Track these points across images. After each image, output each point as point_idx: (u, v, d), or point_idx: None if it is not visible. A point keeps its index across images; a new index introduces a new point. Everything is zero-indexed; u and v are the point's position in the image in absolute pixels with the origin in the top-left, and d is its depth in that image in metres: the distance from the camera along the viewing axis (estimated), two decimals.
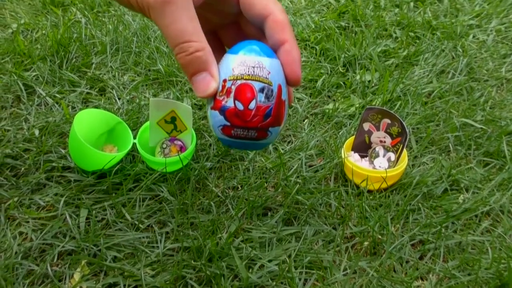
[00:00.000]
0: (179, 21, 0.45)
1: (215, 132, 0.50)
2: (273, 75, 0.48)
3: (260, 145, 0.51)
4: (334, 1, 1.71)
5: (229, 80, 0.47)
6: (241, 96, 0.47)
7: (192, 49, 0.45)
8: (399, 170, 0.98)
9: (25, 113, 1.14)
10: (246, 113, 0.47)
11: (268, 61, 0.48)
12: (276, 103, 0.48)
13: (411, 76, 1.34)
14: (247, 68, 0.47)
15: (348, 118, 1.20)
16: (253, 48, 0.49)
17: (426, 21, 1.56)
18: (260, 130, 0.49)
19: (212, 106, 0.49)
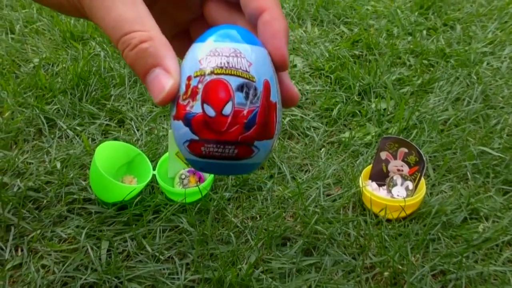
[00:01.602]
0: (115, 9, 0.34)
1: (181, 150, 0.36)
2: (256, 67, 0.34)
3: (244, 167, 0.36)
4: (347, 30, 1.74)
5: (194, 76, 0.34)
6: (212, 97, 0.33)
7: (135, 41, 0.34)
8: (418, 199, 0.98)
9: (46, 146, 1.17)
10: (220, 120, 0.33)
11: (249, 48, 0.35)
12: (262, 105, 0.34)
13: (426, 104, 1.34)
14: (219, 59, 0.34)
15: (365, 146, 1.21)
16: (228, 32, 0.36)
17: (439, 48, 1.58)
18: (242, 145, 0.34)
19: (174, 114, 0.35)
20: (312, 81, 1.46)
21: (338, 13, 1.82)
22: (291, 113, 1.32)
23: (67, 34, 1.65)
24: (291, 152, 1.20)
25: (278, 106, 0.36)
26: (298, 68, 1.52)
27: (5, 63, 1.50)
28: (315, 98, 1.38)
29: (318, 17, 1.82)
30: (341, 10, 1.83)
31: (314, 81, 1.46)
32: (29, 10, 1.82)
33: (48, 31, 1.70)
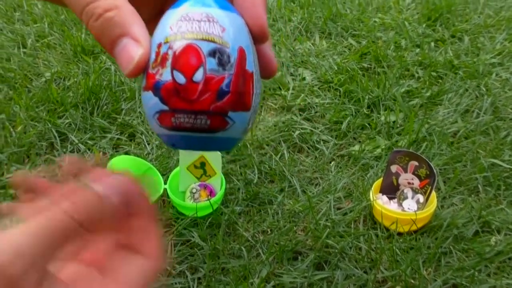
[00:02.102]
0: None
1: (150, 124, 0.34)
2: (230, 33, 0.32)
3: (219, 141, 0.34)
4: (356, 43, 1.74)
5: (164, 43, 0.32)
6: (182, 63, 0.31)
7: (99, 10, 0.31)
8: (429, 212, 0.98)
9: (58, 160, 1.18)
10: (190, 87, 0.31)
11: (223, 14, 0.33)
12: (236, 73, 0.32)
13: (435, 116, 1.35)
14: (190, 24, 0.32)
15: (375, 159, 1.21)
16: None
17: (447, 60, 1.58)
18: (214, 115, 0.32)
19: (143, 86, 0.33)
20: (321, 94, 1.47)
21: (346, 26, 1.83)
22: (301, 127, 1.32)
23: (78, 48, 1.66)
24: (301, 166, 1.20)
25: (255, 77, 0.34)
26: (307, 81, 1.53)
27: (17, 77, 1.51)
28: (324, 111, 1.39)
29: (326, 30, 1.83)
30: (349, 23, 1.84)
31: (323, 94, 1.47)
32: (40, 25, 1.84)
33: (59, 45, 1.72)
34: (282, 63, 1.60)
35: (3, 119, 1.31)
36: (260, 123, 1.34)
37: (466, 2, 1.98)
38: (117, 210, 0.32)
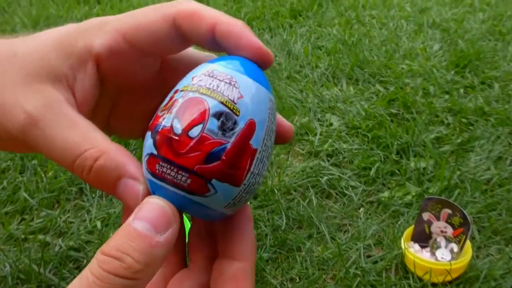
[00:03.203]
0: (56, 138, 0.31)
1: (143, 163, 0.32)
2: (246, 102, 0.31)
3: (198, 207, 0.31)
4: (383, 89, 1.74)
5: (181, 90, 0.31)
6: (184, 114, 0.30)
7: (89, 162, 0.31)
8: (464, 262, 0.95)
9: (87, 205, 1.19)
10: (183, 141, 0.29)
11: (248, 82, 0.31)
12: (235, 144, 0.30)
13: (467, 163, 1.32)
14: (210, 80, 0.31)
15: (405, 206, 1.18)
16: (235, 62, 0.32)
17: (478, 107, 1.56)
18: (196, 176, 0.30)
19: (149, 124, 0.32)
20: (349, 140, 1.46)
21: (373, 72, 1.83)
22: (329, 172, 1.31)
23: None
24: (329, 212, 1.19)
25: (258, 155, 0.31)
26: (334, 127, 1.52)
27: None
28: (352, 156, 1.38)
29: (353, 76, 1.83)
30: (376, 69, 1.85)
31: (350, 140, 1.46)
32: None
33: None
34: (309, 108, 1.61)
35: (35, 164, 1.33)
36: (288, 169, 1.33)
37: (495, 49, 1.97)
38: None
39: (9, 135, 0.32)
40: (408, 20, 2.33)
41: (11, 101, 0.31)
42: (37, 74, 0.32)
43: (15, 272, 1.00)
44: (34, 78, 0.32)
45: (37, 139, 0.31)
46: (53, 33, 0.34)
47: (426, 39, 2.12)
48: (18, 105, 0.31)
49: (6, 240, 1.09)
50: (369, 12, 2.48)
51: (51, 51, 0.32)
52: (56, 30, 0.34)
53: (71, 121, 0.31)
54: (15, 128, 0.31)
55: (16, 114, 0.31)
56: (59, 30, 0.34)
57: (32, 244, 1.07)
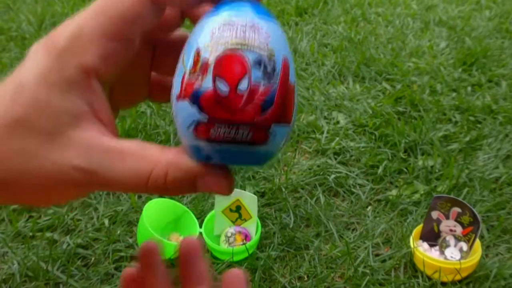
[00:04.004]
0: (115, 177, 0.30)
1: (183, 136, 0.31)
2: (274, 42, 0.30)
3: (257, 156, 0.31)
4: (390, 87, 1.74)
5: (205, 48, 0.30)
6: (226, 71, 0.29)
7: (160, 181, 0.30)
8: (474, 261, 0.95)
9: (95, 203, 1.18)
10: (234, 97, 0.29)
11: (265, 22, 0.31)
12: (280, 85, 0.30)
13: (475, 161, 1.31)
14: (234, 30, 0.30)
15: (413, 205, 1.18)
16: (241, 5, 0.32)
17: (486, 105, 1.55)
18: (257, 127, 0.30)
19: (179, 94, 0.30)
20: (356, 138, 1.45)
21: (379, 70, 1.83)
22: (336, 170, 1.30)
23: None
24: (337, 210, 1.18)
25: (295, 89, 0.32)
26: (341, 125, 1.52)
27: None
28: (359, 155, 1.37)
29: (359, 74, 1.83)
30: (382, 67, 1.84)
31: (358, 138, 1.45)
32: None
33: None
34: (316, 106, 1.60)
35: None
36: (295, 167, 1.33)
37: (502, 47, 1.96)
38: None
39: (57, 189, 0.31)
40: (414, 18, 2.32)
41: (52, 161, 0.30)
42: (53, 127, 0.30)
43: (23, 269, 1.00)
44: (56, 131, 0.30)
45: (98, 185, 0.31)
46: (32, 75, 0.30)
47: (433, 36, 2.11)
48: (63, 164, 0.30)
49: (14, 238, 1.09)
50: (375, 10, 2.47)
51: (49, 95, 0.30)
52: (31, 68, 0.31)
53: (119, 153, 0.30)
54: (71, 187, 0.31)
55: (68, 174, 0.30)
56: (36, 67, 0.31)
57: (40, 241, 1.07)
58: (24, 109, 0.30)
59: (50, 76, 0.30)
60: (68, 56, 0.30)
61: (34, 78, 0.30)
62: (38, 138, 0.30)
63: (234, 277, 0.40)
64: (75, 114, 0.30)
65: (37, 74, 0.30)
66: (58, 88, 0.30)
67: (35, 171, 0.30)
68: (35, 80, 0.30)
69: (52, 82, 0.30)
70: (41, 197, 0.33)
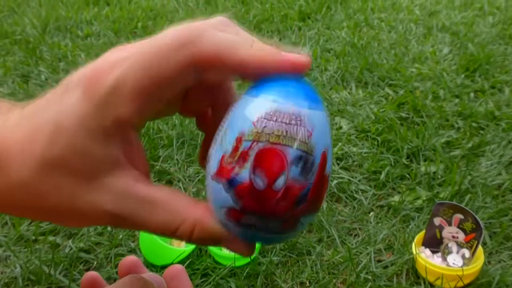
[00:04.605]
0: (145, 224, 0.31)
1: (215, 211, 0.32)
2: (316, 137, 0.30)
3: (281, 239, 0.33)
4: (393, 92, 1.74)
5: (246, 139, 0.30)
6: (264, 167, 0.30)
7: (186, 237, 0.32)
8: (476, 268, 0.94)
9: None
10: (269, 194, 0.30)
11: (311, 114, 0.31)
12: (316, 181, 0.31)
13: (478, 167, 1.31)
14: (277, 125, 0.30)
15: (416, 211, 1.18)
16: (289, 89, 0.31)
17: (488, 111, 1.55)
18: (287, 220, 0.31)
19: (215, 173, 0.31)
20: (358, 143, 1.45)
21: (382, 76, 1.83)
22: (338, 176, 1.30)
23: None
24: (339, 216, 1.18)
25: (329, 177, 0.33)
26: (344, 130, 1.52)
27: None
28: (362, 160, 1.37)
29: (362, 79, 1.83)
30: (385, 73, 1.84)
31: (360, 143, 1.45)
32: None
33: None
34: None
35: None
36: None
37: (505, 53, 1.96)
38: None
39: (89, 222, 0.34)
40: (417, 24, 2.33)
41: (85, 202, 0.31)
42: (89, 172, 0.31)
43: (25, 273, 1.00)
44: (92, 176, 0.31)
45: (128, 227, 0.33)
46: (71, 119, 0.31)
47: (436, 42, 2.11)
48: (96, 207, 0.31)
49: (16, 241, 1.10)
50: (378, 15, 2.47)
51: (87, 142, 0.30)
52: (70, 111, 0.31)
53: (150, 203, 0.31)
54: (102, 223, 0.33)
55: (99, 216, 0.31)
56: (76, 111, 0.31)
57: (42, 245, 1.07)
58: (61, 152, 0.30)
59: (90, 123, 0.30)
60: (108, 107, 0.30)
61: (73, 122, 0.30)
62: (74, 180, 0.31)
63: (175, 270, 0.42)
64: (111, 162, 0.31)
65: (76, 119, 0.30)
66: (96, 136, 0.30)
67: (70, 207, 0.31)
68: (74, 125, 0.30)
69: (91, 129, 0.30)
70: (78, 223, 0.37)
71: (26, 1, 2.90)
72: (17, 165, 0.31)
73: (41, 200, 0.31)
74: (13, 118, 0.32)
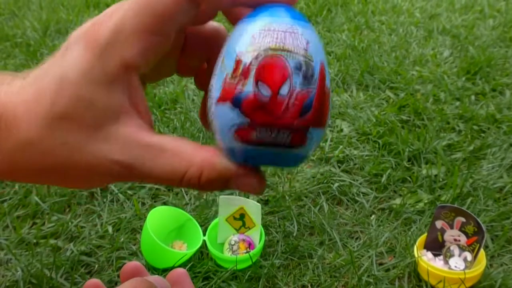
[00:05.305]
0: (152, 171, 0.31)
1: (222, 139, 0.32)
2: (313, 47, 0.31)
3: (293, 157, 0.32)
4: (393, 95, 1.74)
5: (246, 52, 0.30)
6: (268, 76, 0.30)
7: (194, 181, 0.32)
8: (478, 271, 0.94)
9: (98, 210, 1.18)
10: (276, 102, 0.30)
11: (303, 27, 0.32)
12: (318, 89, 0.31)
13: (479, 170, 1.31)
14: (275, 35, 0.30)
15: (417, 214, 1.18)
16: (279, 10, 0.32)
17: (489, 114, 1.55)
18: (297, 130, 0.31)
19: (219, 97, 0.31)
20: (360, 146, 1.45)
21: (383, 78, 1.83)
22: (340, 179, 1.30)
23: None
24: (340, 219, 1.18)
25: (330, 93, 0.33)
26: (345, 133, 1.52)
27: None
28: (363, 163, 1.37)
29: (363, 82, 1.83)
30: (386, 75, 1.84)
31: (361, 146, 1.45)
32: None
33: None
34: None
35: None
36: (298, 175, 1.33)
37: (506, 56, 1.96)
38: None
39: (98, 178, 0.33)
40: (417, 26, 2.33)
41: (93, 155, 0.31)
42: (95, 122, 0.31)
43: (26, 276, 1.00)
44: (98, 126, 0.31)
45: (135, 178, 0.32)
46: (74, 70, 0.31)
47: (436, 45, 2.11)
48: (103, 157, 0.31)
49: (17, 244, 1.09)
50: (379, 18, 2.47)
51: (92, 91, 0.31)
52: (73, 62, 0.31)
53: (157, 149, 0.31)
54: (111, 178, 0.33)
55: (108, 167, 0.31)
56: (78, 62, 0.31)
57: (43, 248, 1.07)
58: (67, 104, 0.30)
59: (93, 72, 0.30)
60: (111, 52, 0.30)
61: (77, 73, 0.30)
62: (80, 132, 0.31)
63: (178, 274, 0.43)
64: (116, 110, 0.31)
65: (80, 70, 0.30)
66: (100, 84, 0.30)
67: (77, 163, 0.31)
68: (78, 76, 0.30)
69: (95, 78, 0.30)
70: (83, 183, 0.36)
71: (27, 4, 2.91)
72: (24, 124, 0.31)
73: (49, 157, 0.31)
74: (18, 84, 0.33)
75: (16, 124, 0.31)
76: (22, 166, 0.32)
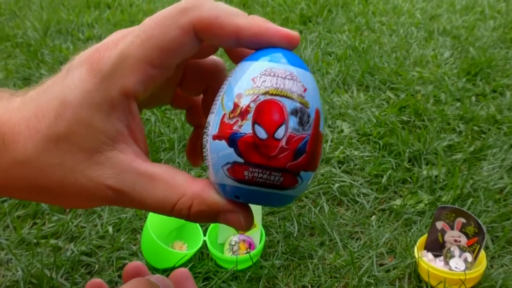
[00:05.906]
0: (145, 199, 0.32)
1: (215, 174, 0.33)
2: (310, 93, 0.33)
3: (283, 198, 0.34)
4: (394, 96, 1.74)
5: (246, 95, 0.32)
6: (265, 119, 0.31)
7: (184, 211, 0.32)
8: (479, 272, 0.94)
9: (99, 210, 1.18)
10: (271, 144, 0.31)
11: (302, 73, 0.33)
12: (313, 134, 0.32)
13: (480, 171, 1.31)
14: (274, 79, 0.32)
15: (418, 215, 1.18)
16: (280, 55, 0.34)
17: (490, 115, 1.55)
18: (288, 173, 0.32)
19: (216, 134, 0.32)
20: (360, 147, 1.45)
21: (383, 79, 1.83)
22: (340, 179, 1.30)
23: None
24: (341, 219, 1.18)
25: (323, 138, 0.35)
26: (345, 134, 1.52)
27: None
28: (363, 164, 1.37)
29: (363, 83, 1.83)
30: (386, 76, 1.84)
31: (362, 147, 1.45)
32: None
33: None
34: None
35: None
36: None
37: (506, 57, 1.96)
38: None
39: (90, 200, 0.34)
40: (418, 27, 2.33)
41: (88, 178, 0.32)
42: (93, 146, 0.31)
43: (27, 276, 1.00)
44: (95, 150, 0.31)
45: (128, 204, 0.33)
46: (76, 94, 0.31)
47: (437, 46, 2.11)
48: (98, 182, 0.32)
49: (18, 244, 1.10)
50: (379, 19, 2.47)
51: (92, 116, 0.31)
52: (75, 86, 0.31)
53: (150, 178, 0.32)
54: (104, 202, 0.33)
55: (101, 191, 0.32)
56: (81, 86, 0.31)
57: (44, 248, 1.07)
58: (67, 126, 0.31)
59: (94, 96, 0.31)
60: (113, 79, 0.31)
61: (78, 96, 0.31)
62: (77, 155, 0.31)
63: (180, 274, 0.44)
64: (114, 136, 0.32)
65: (81, 93, 0.31)
66: (100, 109, 0.31)
67: (72, 184, 0.32)
68: (79, 99, 0.31)
69: (96, 102, 0.31)
70: (77, 203, 0.37)
71: (28, 4, 2.91)
72: (23, 141, 0.31)
73: (44, 176, 0.32)
74: (17, 101, 0.33)
75: (14, 140, 0.31)
76: (18, 182, 0.33)
